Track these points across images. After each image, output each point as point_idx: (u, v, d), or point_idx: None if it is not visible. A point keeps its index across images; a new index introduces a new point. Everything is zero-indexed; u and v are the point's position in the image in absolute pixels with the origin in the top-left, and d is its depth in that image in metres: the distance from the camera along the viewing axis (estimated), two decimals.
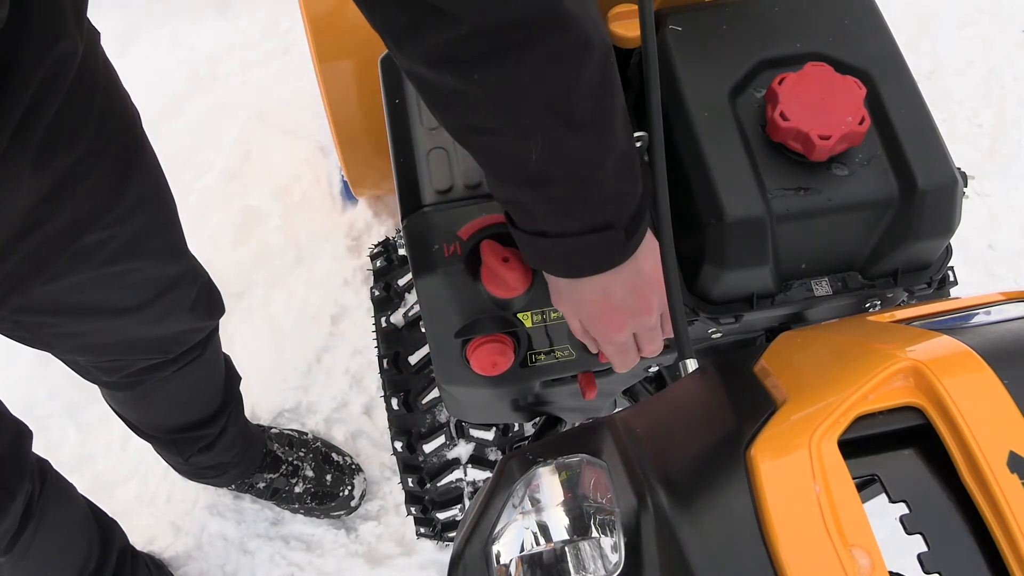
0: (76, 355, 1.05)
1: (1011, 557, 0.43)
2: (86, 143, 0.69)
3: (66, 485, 1.15)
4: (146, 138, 0.86)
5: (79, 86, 0.65)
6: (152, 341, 1.06)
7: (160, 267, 0.95)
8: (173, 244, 0.98)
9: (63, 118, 0.62)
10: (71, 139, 0.67)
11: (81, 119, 0.68)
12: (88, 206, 0.75)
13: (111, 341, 1.01)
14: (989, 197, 1.89)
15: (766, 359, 0.59)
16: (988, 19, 2.13)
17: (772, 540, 0.44)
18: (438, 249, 0.82)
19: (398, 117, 0.89)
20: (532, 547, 0.54)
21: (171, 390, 1.17)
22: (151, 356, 1.08)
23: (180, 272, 1.00)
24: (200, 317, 1.09)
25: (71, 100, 0.63)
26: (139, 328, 1.01)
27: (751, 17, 0.87)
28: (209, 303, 1.11)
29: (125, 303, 0.94)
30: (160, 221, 0.93)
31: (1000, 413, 0.47)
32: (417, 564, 1.51)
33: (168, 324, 1.05)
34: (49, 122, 0.59)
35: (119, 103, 0.79)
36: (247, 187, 1.83)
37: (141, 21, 2.04)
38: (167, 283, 0.98)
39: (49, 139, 0.61)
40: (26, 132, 0.57)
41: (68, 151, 0.67)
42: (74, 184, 0.70)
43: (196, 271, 1.06)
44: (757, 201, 0.78)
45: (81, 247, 0.79)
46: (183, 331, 1.09)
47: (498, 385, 0.85)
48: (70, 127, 0.66)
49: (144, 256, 0.90)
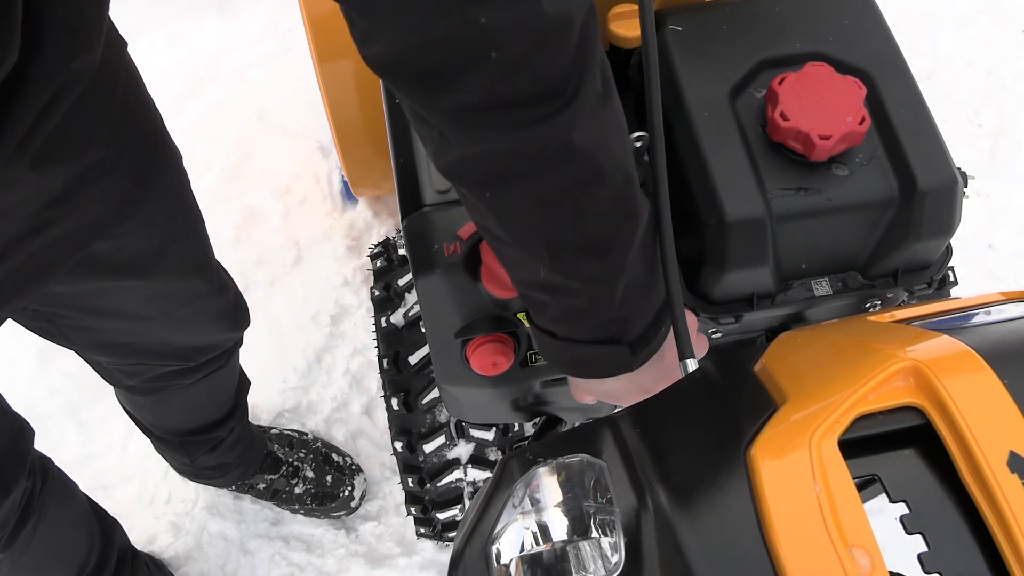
0: (96, 354, 1.05)
1: (1011, 557, 0.43)
2: (98, 151, 0.69)
3: (68, 483, 1.15)
4: (171, 150, 0.86)
5: (92, 97, 0.65)
6: (175, 347, 1.05)
7: (181, 281, 0.94)
8: (195, 257, 0.96)
9: (71, 127, 0.62)
10: (81, 146, 0.66)
11: (92, 128, 0.67)
12: (98, 213, 0.74)
13: (132, 343, 1.01)
14: (989, 197, 1.89)
15: (766, 359, 0.59)
16: (988, 19, 2.13)
17: (772, 540, 0.44)
18: (438, 249, 0.82)
19: (398, 117, 0.89)
20: (532, 547, 0.54)
21: (190, 396, 1.17)
22: (173, 363, 1.07)
23: (203, 287, 0.98)
24: (225, 328, 1.08)
25: (81, 110, 0.62)
26: (161, 334, 1.00)
27: (751, 17, 0.87)
28: (235, 315, 1.10)
29: (146, 311, 0.94)
30: (180, 234, 0.91)
31: (1000, 413, 0.47)
32: (417, 564, 1.51)
33: (192, 333, 1.05)
34: (54, 128, 0.59)
35: (140, 114, 0.79)
36: (247, 187, 1.83)
37: (141, 21, 2.04)
38: (190, 296, 0.97)
39: (51, 144, 0.60)
40: (27, 140, 0.57)
41: (76, 157, 0.66)
42: (85, 190, 0.69)
43: (224, 283, 1.05)
44: (757, 201, 0.78)
45: (92, 254, 0.78)
46: (208, 340, 1.09)
47: (498, 385, 0.85)
48: (79, 134, 0.65)
49: (162, 269, 0.89)
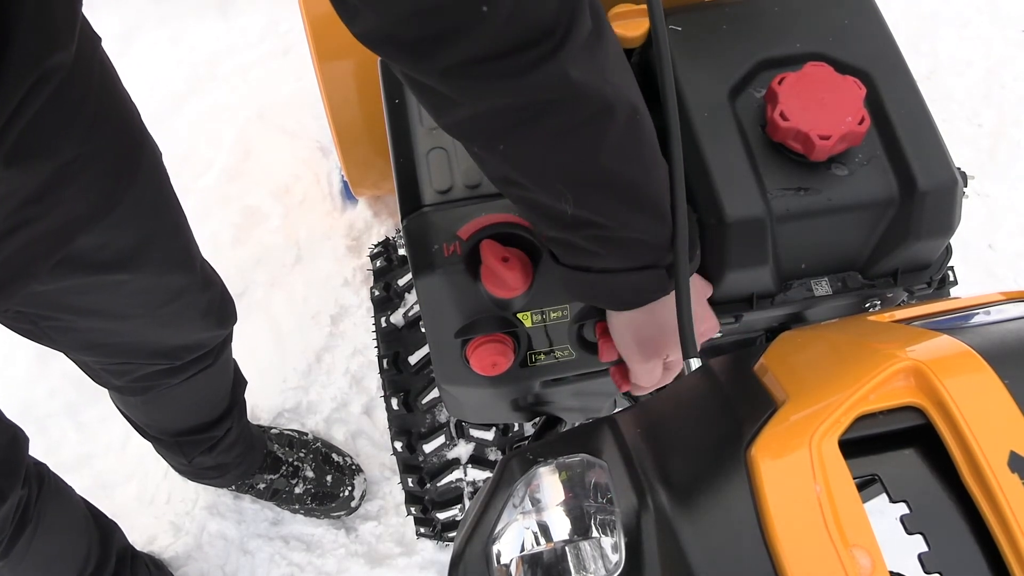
0: (83, 354, 1.05)
1: (1011, 557, 0.43)
2: (74, 147, 0.69)
3: (64, 488, 1.15)
4: (150, 146, 0.86)
5: (67, 92, 0.65)
6: (160, 346, 1.05)
7: (164, 276, 0.94)
8: (179, 253, 0.96)
9: (45, 123, 0.62)
10: (56, 142, 0.66)
11: (67, 125, 0.67)
12: (78, 210, 0.74)
13: (117, 342, 1.01)
14: (989, 197, 1.89)
15: (766, 359, 0.59)
16: (988, 19, 2.13)
17: (772, 540, 0.44)
18: (438, 249, 0.82)
19: (398, 117, 0.89)
20: (532, 547, 0.54)
21: (181, 395, 1.17)
22: (159, 361, 1.07)
23: (187, 282, 0.98)
24: (211, 325, 1.08)
25: (55, 106, 0.62)
26: (146, 332, 1.00)
27: (751, 17, 0.87)
28: (221, 312, 1.10)
29: (129, 309, 0.94)
30: (163, 230, 0.92)
31: (1000, 413, 0.47)
32: (417, 564, 1.51)
33: (177, 330, 1.04)
34: (25, 126, 0.59)
35: (116, 110, 0.78)
36: (247, 187, 1.83)
37: (141, 21, 2.04)
38: (172, 293, 0.97)
39: (26, 141, 0.60)
40: (2, 135, 0.57)
41: (52, 154, 0.66)
42: (62, 187, 0.69)
43: (209, 279, 1.05)
44: (757, 201, 0.78)
45: (74, 252, 0.78)
46: (193, 338, 1.08)
47: (498, 385, 0.85)
48: (55, 131, 0.65)
49: (145, 265, 0.89)
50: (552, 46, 0.53)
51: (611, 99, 0.58)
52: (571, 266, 0.70)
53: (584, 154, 0.60)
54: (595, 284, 0.70)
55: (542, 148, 0.59)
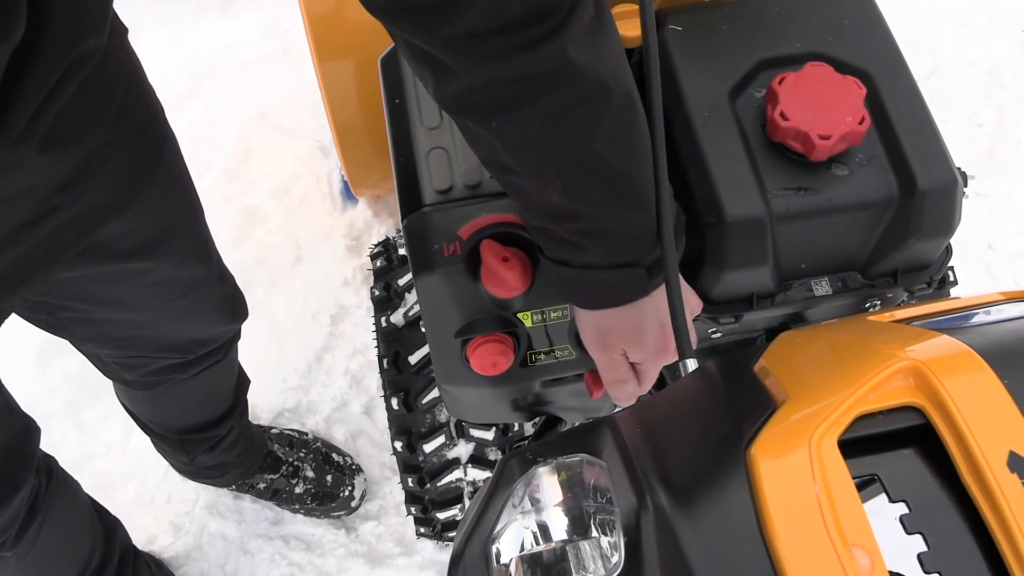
0: (97, 347, 1.05)
1: (1011, 557, 0.43)
2: (102, 136, 0.70)
3: (71, 482, 1.15)
4: (171, 140, 0.87)
5: (97, 81, 0.66)
6: (175, 339, 1.06)
7: (182, 268, 0.95)
8: (198, 246, 0.98)
9: (77, 109, 0.63)
10: (85, 131, 0.67)
11: (97, 112, 0.68)
12: (105, 197, 0.75)
13: (133, 335, 1.02)
14: (989, 197, 1.89)
15: (766, 359, 0.59)
16: (988, 19, 2.13)
17: (772, 540, 0.44)
18: (438, 249, 0.82)
19: (398, 117, 0.88)
20: (532, 547, 0.54)
21: (188, 391, 1.18)
22: (172, 355, 1.08)
23: (203, 275, 1.00)
24: (224, 320, 1.09)
25: (87, 93, 0.63)
26: (161, 325, 1.01)
27: (751, 17, 0.87)
28: (234, 307, 1.11)
29: (147, 300, 0.95)
30: (182, 223, 0.93)
31: (1000, 413, 0.47)
32: (417, 564, 1.51)
33: (192, 324, 1.05)
34: (59, 111, 0.60)
35: (143, 101, 0.80)
36: (247, 187, 1.83)
37: (141, 21, 2.03)
38: (189, 285, 0.98)
39: (59, 127, 0.61)
40: (35, 121, 0.58)
41: (82, 142, 0.67)
42: (90, 175, 0.70)
43: (223, 275, 1.06)
44: (757, 201, 0.78)
45: (98, 241, 0.79)
46: (207, 332, 1.10)
47: (498, 385, 0.85)
48: (85, 119, 0.66)
49: (165, 255, 0.90)
50: (555, 24, 0.54)
51: (608, 83, 0.59)
52: (554, 260, 0.70)
53: (577, 137, 0.60)
54: (574, 280, 0.69)
55: (536, 128, 0.59)
